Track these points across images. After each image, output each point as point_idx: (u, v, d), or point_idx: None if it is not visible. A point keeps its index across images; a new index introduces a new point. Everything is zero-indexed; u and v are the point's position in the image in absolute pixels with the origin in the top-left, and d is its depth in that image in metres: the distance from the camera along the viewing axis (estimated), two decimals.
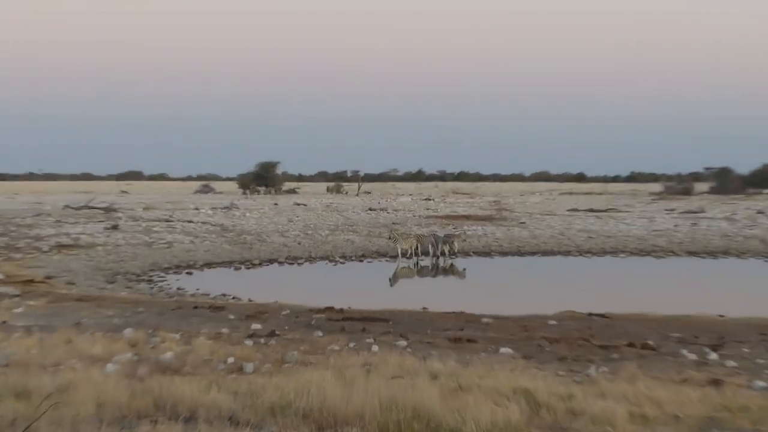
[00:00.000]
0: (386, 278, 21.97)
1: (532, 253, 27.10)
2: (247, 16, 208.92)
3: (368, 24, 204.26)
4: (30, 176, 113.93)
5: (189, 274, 21.87)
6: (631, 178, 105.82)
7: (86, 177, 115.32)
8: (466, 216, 37.35)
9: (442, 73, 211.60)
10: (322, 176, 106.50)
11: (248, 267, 23.44)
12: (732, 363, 9.18)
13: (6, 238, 25.28)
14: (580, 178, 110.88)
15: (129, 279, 20.21)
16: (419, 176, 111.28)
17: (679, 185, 61.68)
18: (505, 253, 27.00)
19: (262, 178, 66.66)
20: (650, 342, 10.45)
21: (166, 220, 32.47)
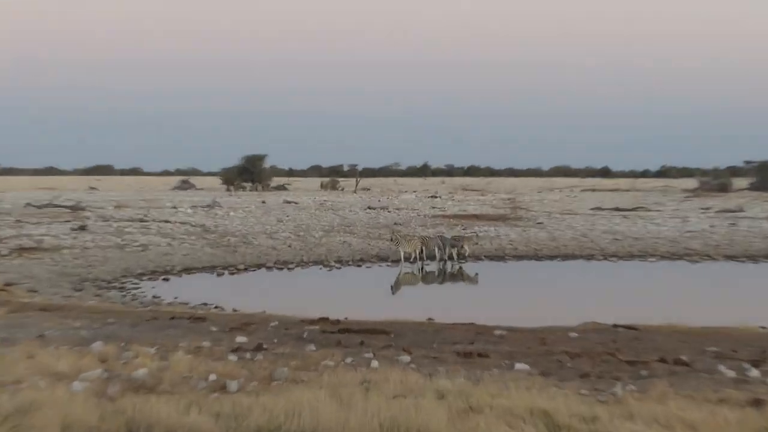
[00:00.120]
0: (387, 285, 21.96)
1: (551, 256, 27.11)
2: None
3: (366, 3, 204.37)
4: None
5: (166, 280, 21.89)
6: (662, 173, 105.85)
7: (50, 172, 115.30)
8: (476, 215, 37.39)
9: (448, 56, 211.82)
10: (315, 171, 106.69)
11: (232, 272, 23.44)
12: None
13: None
14: (604, 172, 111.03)
15: (98, 286, 20.22)
16: (424, 171, 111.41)
17: (716, 181, 61.72)
18: (520, 257, 27.01)
19: (248, 173, 66.77)
20: (683, 357, 10.44)
21: (141, 220, 32.48)
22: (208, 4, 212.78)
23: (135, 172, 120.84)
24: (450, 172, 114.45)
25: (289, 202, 44.85)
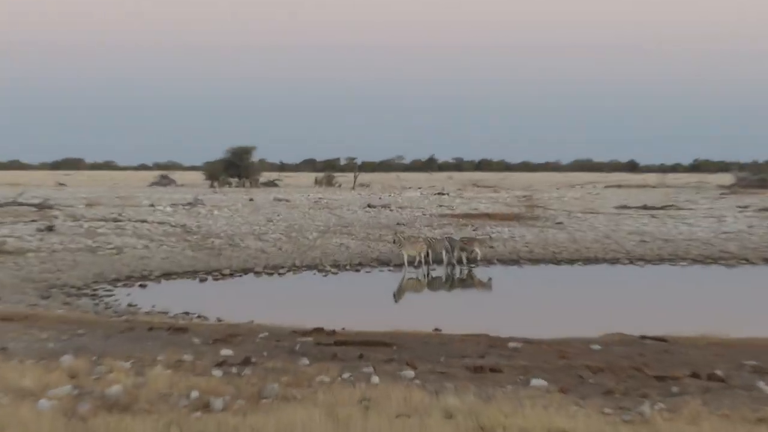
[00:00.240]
0: (389, 292, 21.99)
1: (571, 260, 27.11)
2: None
3: None
4: None
5: (143, 287, 21.90)
6: (695, 167, 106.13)
7: (14, 165, 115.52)
8: (488, 214, 37.37)
9: (457, 40, 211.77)
10: (309, 165, 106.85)
11: (216, 278, 23.46)
12: None
13: None
14: (631, 167, 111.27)
15: (68, 293, 20.22)
16: (430, 165, 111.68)
17: (755, 176, 61.66)
18: (537, 261, 27.01)
19: (235, 167, 66.83)
20: (718, 372, 10.44)
21: (114, 220, 32.50)
22: None
23: (108, 166, 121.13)
24: (459, 166, 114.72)
25: (280, 200, 44.88)
